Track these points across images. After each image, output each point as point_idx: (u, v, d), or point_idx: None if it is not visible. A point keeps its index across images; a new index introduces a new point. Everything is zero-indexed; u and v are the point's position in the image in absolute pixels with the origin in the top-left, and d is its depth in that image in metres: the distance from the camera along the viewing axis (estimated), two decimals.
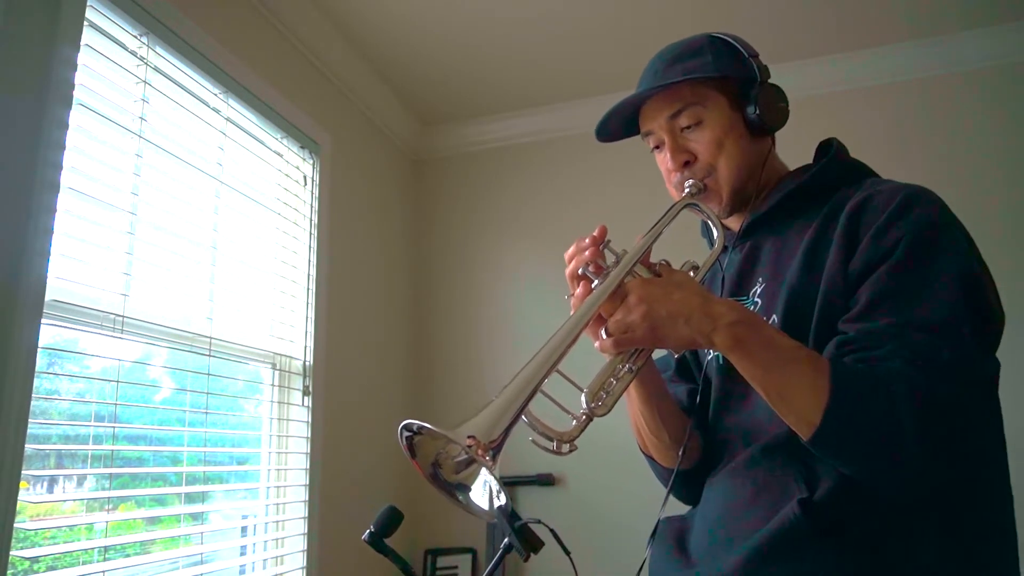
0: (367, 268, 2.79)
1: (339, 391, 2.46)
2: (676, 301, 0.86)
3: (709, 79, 1.01)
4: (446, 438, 0.76)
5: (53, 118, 1.47)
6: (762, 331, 0.85)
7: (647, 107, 1.06)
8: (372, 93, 2.87)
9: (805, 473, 0.86)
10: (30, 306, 1.38)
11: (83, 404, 1.60)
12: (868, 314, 0.84)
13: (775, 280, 0.98)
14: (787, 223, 1.01)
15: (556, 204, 3.02)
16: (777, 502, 0.86)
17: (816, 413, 0.79)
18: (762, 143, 1.06)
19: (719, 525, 0.94)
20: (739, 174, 1.03)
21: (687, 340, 0.86)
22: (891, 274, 0.85)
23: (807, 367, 0.82)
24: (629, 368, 0.92)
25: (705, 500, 1.01)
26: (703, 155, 1.02)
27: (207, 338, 1.91)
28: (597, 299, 0.89)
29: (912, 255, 0.86)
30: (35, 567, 1.41)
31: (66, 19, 1.52)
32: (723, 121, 1.02)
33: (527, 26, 2.54)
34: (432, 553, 2.79)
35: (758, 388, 0.85)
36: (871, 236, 0.88)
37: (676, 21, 2.45)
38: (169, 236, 1.83)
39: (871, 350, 0.81)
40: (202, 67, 1.97)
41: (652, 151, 1.10)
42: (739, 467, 0.95)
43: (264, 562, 2.08)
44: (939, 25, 2.56)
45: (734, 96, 1.03)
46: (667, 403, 1.07)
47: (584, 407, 0.89)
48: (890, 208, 0.89)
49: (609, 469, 2.71)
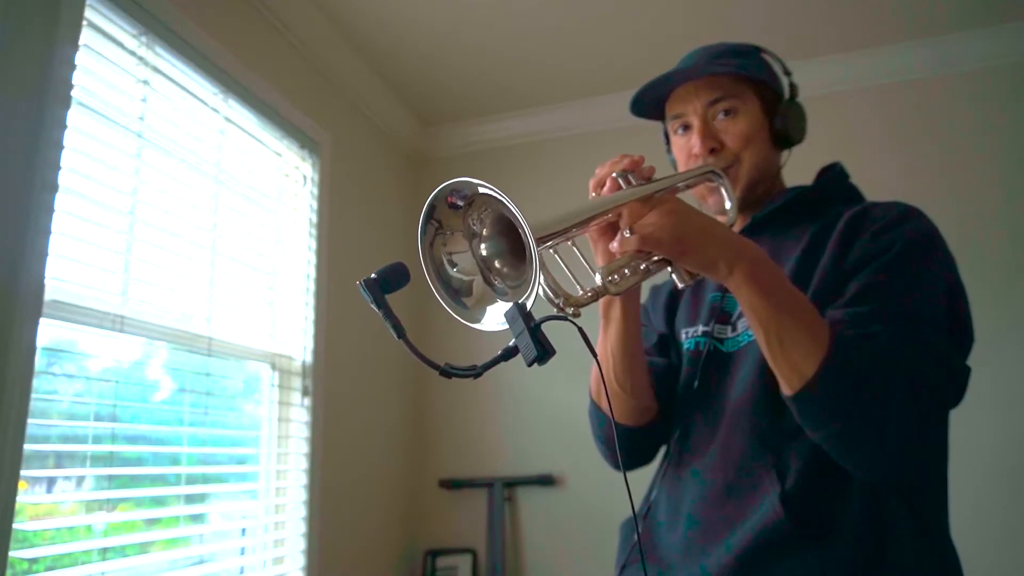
0: (367, 268, 2.77)
1: (339, 391, 2.46)
2: (708, 221, 0.87)
3: (751, 80, 1.06)
4: (508, 206, 0.69)
5: (52, 118, 1.47)
6: (781, 274, 0.87)
7: (683, 90, 1.08)
8: (372, 93, 2.86)
9: (776, 462, 0.88)
10: (29, 306, 1.38)
11: (82, 404, 1.59)
12: (857, 301, 0.87)
13: None
14: (785, 230, 1.05)
15: (557, 204, 3.01)
16: (752, 495, 0.88)
17: (812, 364, 0.80)
18: (778, 156, 1.11)
19: (693, 521, 0.94)
20: (757, 174, 1.07)
21: (708, 261, 0.85)
22: (882, 270, 0.89)
23: (813, 318, 0.83)
24: (646, 267, 0.88)
25: (672, 491, 1.01)
26: (731, 144, 1.05)
27: (206, 338, 1.91)
28: (631, 194, 0.87)
29: (904, 256, 0.89)
30: (34, 568, 1.41)
31: (65, 19, 1.52)
32: (755, 119, 1.06)
33: (527, 26, 2.54)
34: (432, 553, 2.79)
35: (759, 329, 0.84)
36: (867, 238, 0.92)
37: (676, 21, 2.45)
38: (168, 236, 1.82)
39: (858, 328, 0.83)
40: (201, 67, 1.97)
41: (674, 134, 1.12)
42: (709, 463, 0.96)
43: (264, 563, 2.08)
44: (938, 25, 2.56)
45: (766, 104, 1.07)
46: (639, 356, 1.04)
47: (599, 282, 0.83)
48: (888, 216, 0.94)
49: (609, 469, 2.70)
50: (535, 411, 2.82)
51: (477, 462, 2.86)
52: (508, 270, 0.73)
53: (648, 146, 3.45)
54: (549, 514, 2.76)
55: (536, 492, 2.78)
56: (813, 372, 0.80)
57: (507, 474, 2.79)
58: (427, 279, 0.75)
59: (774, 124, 1.07)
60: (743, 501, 0.89)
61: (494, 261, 0.75)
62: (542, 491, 2.77)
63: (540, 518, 2.77)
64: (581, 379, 0.92)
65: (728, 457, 0.93)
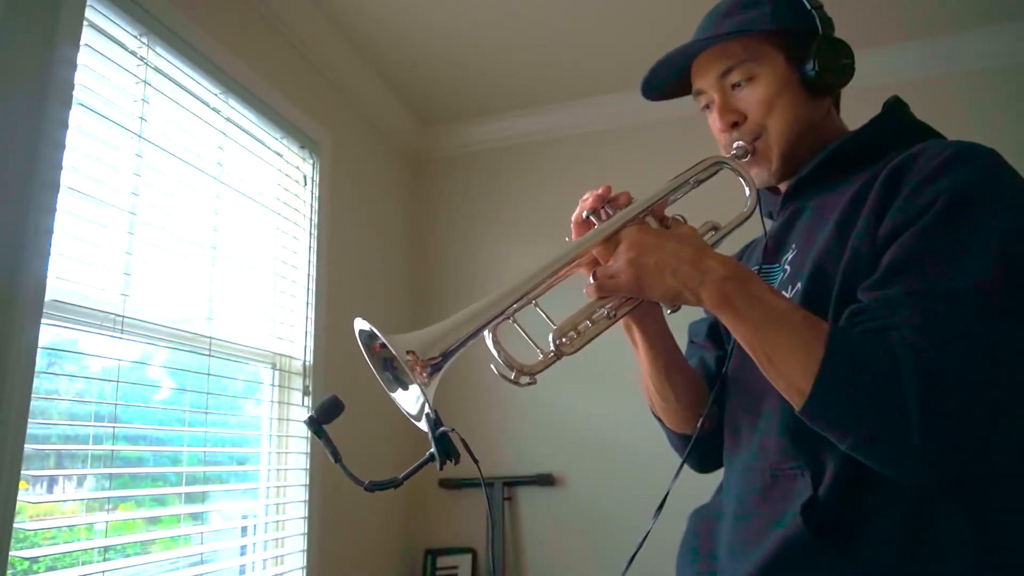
0: (367, 268, 2.79)
1: (339, 391, 2.44)
2: (667, 251, 0.81)
3: (764, 32, 0.93)
4: (388, 347, 0.77)
5: (53, 118, 1.47)
6: (753, 288, 0.78)
7: (698, 63, 0.99)
8: (372, 93, 2.87)
9: (812, 463, 0.79)
10: (30, 306, 1.38)
11: (83, 404, 1.60)
12: (885, 281, 0.75)
13: (807, 247, 0.90)
14: (831, 188, 0.92)
15: (557, 204, 3.00)
16: (785, 501, 0.80)
17: (807, 380, 0.72)
18: (820, 103, 0.97)
19: (735, 524, 0.89)
20: (791, 137, 0.95)
21: (673, 293, 0.81)
22: (919, 236, 0.75)
23: (800, 329, 0.75)
24: (608, 314, 0.88)
25: (726, 488, 0.96)
26: (753, 115, 0.95)
27: (207, 338, 1.91)
28: (587, 240, 0.86)
29: (946, 214, 0.74)
30: (35, 567, 1.41)
31: (66, 19, 1.52)
32: (777, 79, 0.93)
33: (527, 26, 2.54)
34: (432, 553, 2.79)
35: (748, 351, 0.79)
36: (907, 193, 0.78)
37: (676, 21, 2.44)
38: (169, 236, 1.82)
39: (881, 319, 0.73)
40: (202, 67, 1.97)
41: (703, 109, 1.02)
42: (751, 456, 0.89)
43: (264, 562, 2.08)
44: (938, 25, 2.56)
45: (792, 52, 0.94)
46: (676, 365, 1.01)
47: (551, 345, 0.85)
48: (932, 164, 0.78)
49: (609, 469, 2.71)
50: (535, 411, 2.82)
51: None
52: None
53: (649, 145, 3.44)
54: (549, 514, 2.76)
55: (536, 492, 2.78)
56: (810, 386, 0.72)
57: (507, 474, 2.79)
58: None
59: (805, 72, 0.93)
60: (777, 504, 0.81)
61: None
62: (542, 491, 2.78)
63: (540, 518, 2.77)
64: (581, 379, 0.93)
65: (764, 455, 0.86)
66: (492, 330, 0.83)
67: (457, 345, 0.79)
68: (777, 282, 0.93)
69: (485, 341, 0.83)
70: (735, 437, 0.95)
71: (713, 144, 1.01)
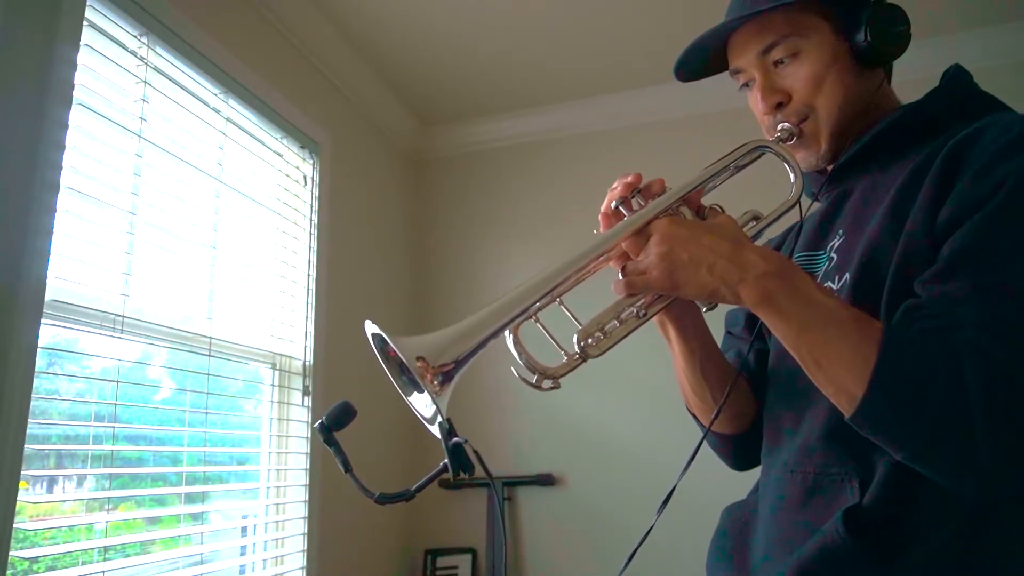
0: (367, 268, 2.79)
1: (339, 391, 2.46)
2: (703, 245, 0.75)
3: (809, 2, 0.85)
4: (397, 353, 0.71)
5: (53, 118, 1.47)
6: (799, 285, 0.72)
7: (735, 39, 0.91)
8: (372, 93, 2.87)
9: (860, 470, 0.73)
10: (30, 306, 1.38)
11: (83, 404, 1.60)
12: (946, 274, 0.68)
13: (856, 233, 0.82)
14: (882, 167, 0.85)
15: (557, 204, 3.02)
16: (829, 507, 0.74)
17: (859, 385, 0.66)
18: (873, 77, 0.88)
19: (771, 528, 0.83)
20: (842, 115, 0.86)
21: (709, 290, 0.75)
22: (983, 226, 0.68)
23: (851, 330, 0.69)
24: (638, 313, 0.82)
25: (763, 487, 0.89)
26: (799, 94, 0.86)
27: (207, 338, 1.91)
28: (616, 233, 0.80)
29: (1013, 203, 0.68)
30: (35, 567, 1.41)
31: (66, 19, 1.52)
32: (824, 53, 0.85)
33: (528, 26, 2.54)
34: (432, 553, 2.79)
35: (793, 353, 0.73)
36: (970, 177, 0.71)
37: (676, 21, 2.45)
38: (169, 236, 1.83)
39: (941, 317, 0.67)
40: (202, 67, 1.97)
41: (740, 88, 0.94)
42: (792, 457, 0.82)
43: (264, 562, 2.08)
44: (938, 25, 2.56)
45: (840, 21, 0.85)
46: (713, 361, 0.95)
47: (576, 346, 0.79)
48: (999, 143, 0.71)
49: (609, 469, 2.71)
50: (535, 411, 2.82)
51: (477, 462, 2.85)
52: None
53: (650, 145, 3.44)
54: (549, 514, 2.76)
55: (536, 492, 2.78)
56: (863, 392, 0.66)
57: (507, 474, 2.79)
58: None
59: (855, 42, 0.85)
60: (820, 509, 0.76)
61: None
62: (542, 491, 2.78)
63: (540, 518, 2.77)
64: (581, 380, 0.91)
65: (807, 457, 0.80)
66: (513, 330, 0.77)
67: (473, 350, 0.74)
68: (821, 271, 0.87)
69: (505, 341, 0.78)
70: (776, 436, 0.89)
71: (716, 142, 0.99)
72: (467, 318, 0.75)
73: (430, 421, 0.78)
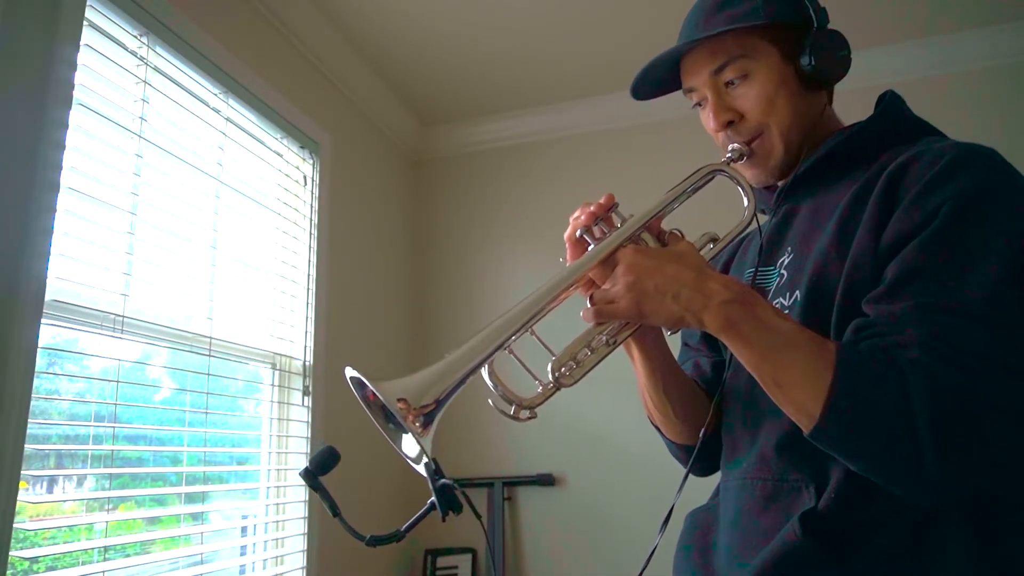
0: (367, 268, 2.79)
1: (339, 391, 2.46)
2: (667, 274, 0.79)
3: (757, 26, 0.90)
4: (378, 397, 0.74)
5: (53, 118, 1.47)
6: (758, 312, 0.76)
7: (688, 60, 0.95)
8: (372, 93, 2.87)
9: (816, 476, 0.78)
10: (30, 306, 1.38)
11: (83, 404, 1.60)
12: (892, 294, 0.73)
13: (804, 250, 0.88)
14: (828, 186, 0.90)
15: (557, 204, 3.01)
16: (788, 511, 0.78)
17: (816, 404, 0.71)
18: (817, 98, 0.94)
19: (733, 531, 0.87)
20: (791, 135, 0.92)
21: (675, 318, 0.79)
22: (924, 247, 0.73)
23: (808, 352, 0.73)
24: (608, 341, 0.86)
25: (724, 494, 0.93)
26: (750, 114, 0.91)
27: (207, 338, 1.91)
28: (583, 264, 0.84)
29: (952, 225, 0.73)
30: (35, 567, 1.41)
31: (66, 19, 1.52)
32: (773, 75, 0.90)
33: (527, 26, 2.54)
34: (432, 553, 2.79)
35: (754, 374, 0.77)
36: (908, 203, 0.76)
37: (675, 22, 2.44)
38: (169, 236, 1.83)
39: (889, 335, 0.71)
40: (202, 67, 1.97)
41: (694, 107, 0.99)
42: (751, 464, 0.87)
43: (264, 562, 2.08)
44: (938, 25, 2.56)
45: (787, 45, 0.91)
46: (674, 377, 1.00)
47: (549, 376, 0.83)
48: (935, 169, 0.76)
49: (609, 469, 2.72)
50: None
51: (477, 462, 2.85)
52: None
53: (650, 145, 3.44)
54: (549, 514, 2.76)
55: (536, 492, 2.78)
56: (819, 411, 0.70)
57: (507, 474, 2.79)
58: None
59: (801, 66, 0.90)
60: (779, 514, 0.80)
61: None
62: (542, 491, 2.78)
63: (540, 518, 2.77)
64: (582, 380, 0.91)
65: (765, 465, 0.84)
66: (489, 363, 0.82)
67: (452, 388, 0.77)
68: (773, 286, 0.92)
69: (481, 373, 0.81)
70: (735, 444, 0.93)
71: (715, 142, 1.00)
72: (443, 359, 0.77)
73: (415, 460, 0.80)
